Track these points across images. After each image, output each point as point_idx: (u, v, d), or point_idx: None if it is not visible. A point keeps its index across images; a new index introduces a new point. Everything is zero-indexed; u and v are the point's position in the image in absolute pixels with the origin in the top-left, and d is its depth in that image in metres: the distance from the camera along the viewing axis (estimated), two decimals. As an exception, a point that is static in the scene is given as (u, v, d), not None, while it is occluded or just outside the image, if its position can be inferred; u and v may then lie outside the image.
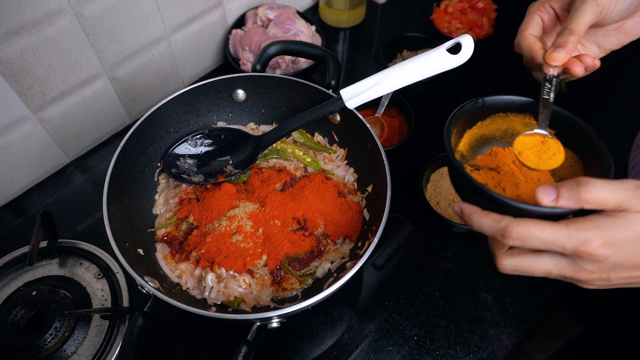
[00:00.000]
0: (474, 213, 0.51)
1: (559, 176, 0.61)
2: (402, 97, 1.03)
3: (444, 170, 0.99)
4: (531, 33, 0.64)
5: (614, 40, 0.66)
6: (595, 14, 0.58)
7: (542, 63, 0.62)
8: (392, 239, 0.91)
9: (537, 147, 0.61)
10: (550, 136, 0.62)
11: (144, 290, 0.62)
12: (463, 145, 0.63)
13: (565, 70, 0.62)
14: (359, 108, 0.76)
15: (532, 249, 0.48)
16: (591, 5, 0.58)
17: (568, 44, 0.58)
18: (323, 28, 1.27)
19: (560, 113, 0.61)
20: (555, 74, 0.61)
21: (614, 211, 0.45)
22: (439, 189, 0.97)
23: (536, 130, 0.62)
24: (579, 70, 0.61)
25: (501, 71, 1.22)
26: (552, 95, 0.62)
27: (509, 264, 0.50)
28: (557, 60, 0.59)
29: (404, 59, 1.20)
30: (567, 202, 0.45)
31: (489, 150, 0.65)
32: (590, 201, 0.44)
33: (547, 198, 0.45)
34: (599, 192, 0.44)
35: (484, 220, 0.49)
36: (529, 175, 0.60)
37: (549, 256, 0.48)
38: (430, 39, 1.17)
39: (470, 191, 0.53)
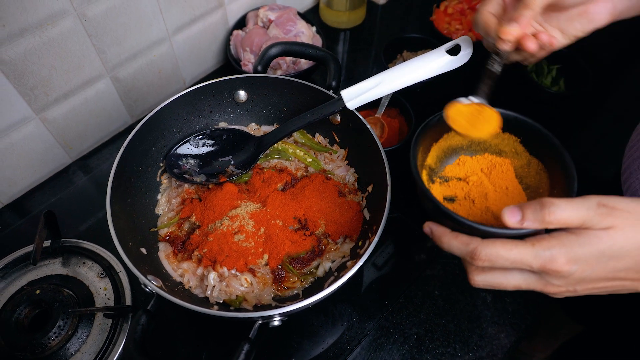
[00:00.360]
0: (443, 235, 0.52)
1: (526, 184, 0.62)
2: (402, 98, 1.04)
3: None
4: (488, 10, 0.62)
5: (578, 26, 0.63)
6: None
7: (495, 35, 0.60)
8: (392, 238, 0.92)
9: (471, 115, 0.62)
10: (487, 105, 0.62)
11: (147, 289, 0.63)
12: (431, 159, 0.64)
13: (519, 46, 0.60)
14: (359, 109, 0.77)
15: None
16: None
17: (521, 18, 0.57)
18: (323, 29, 1.28)
19: (525, 122, 0.61)
20: (508, 49, 0.60)
21: (577, 229, 0.46)
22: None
23: (471, 98, 0.63)
24: (531, 45, 0.59)
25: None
26: (497, 67, 0.62)
27: (481, 279, 0.51)
28: (509, 34, 0.58)
29: (404, 60, 1.20)
30: (531, 223, 0.46)
31: (457, 159, 0.65)
32: (554, 222, 0.46)
33: (512, 220, 0.47)
34: (562, 213, 0.45)
35: (453, 243, 0.51)
36: (497, 184, 0.61)
37: (518, 272, 0.49)
38: (430, 39, 1.18)
39: (439, 214, 0.54)
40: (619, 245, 0.46)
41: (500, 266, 0.48)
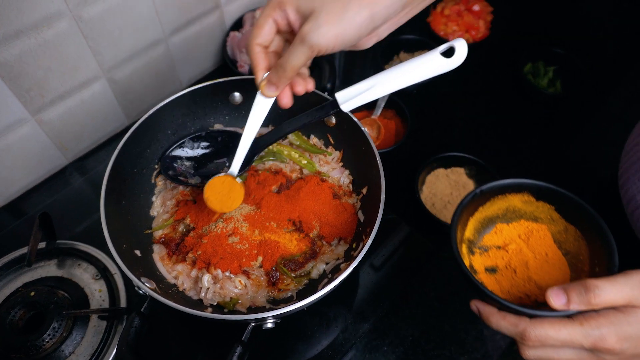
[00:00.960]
0: (491, 315, 0.54)
1: (565, 249, 0.63)
2: (398, 99, 1.04)
3: (440, 172, 1.00)
4: (259, 43, 0.61)
5: (372, 41, 0.69)
6: (308, 57, 0.57)
7: (257, 86, 0.64)
8: (388, 240, 0.92)
9: (222, 193, 0.72)
10: (235, 179, 0.72)
11: (141, 292, 0.63)
12: (469, 232, 0.65)
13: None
14: (356, 110, 0.77)
15: None
16: (303, 50, 0.56)
17: (279, 84, 0.61)
18: (320, 30, 1.28)
19: (558, 192, 0.61)
20: (266, 103, 0.67)
21: (624, 307, 0.47)
22: (435, 191, 0.98)
23: (229, 172, 0.72)
24: (286, 101, 0.65)
25: (497, 73, 1.22)
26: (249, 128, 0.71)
27: (532, 354, 0.52)
28: (269, 95, 0.64)
29: (400, 61, 1.20)
30: (577, 306, 0.47)
31: (494, 228, 0.66)
32: (600, 304, 0.47)
33: (558, 302, 0.48)
34: (607, 295, 0.46)
35: (502, 323, 0.52)
36: (536, 251, 0.62)
37: (571, 348, 0.50)
38: (427, 41, 1.18)
39: (485, 298, 0.55)
40: None
41: (551, 346, 0.49)
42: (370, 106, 1.05)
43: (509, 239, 0.64)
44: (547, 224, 0.64)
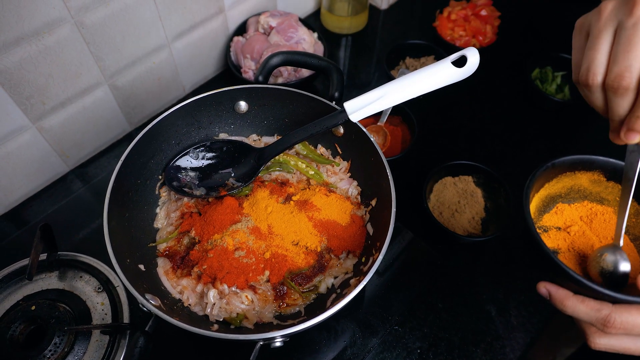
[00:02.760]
0: (566, 298, 0.49)
1: (634, 234, 0.59)
2: (404, 106, 1.02)
3: (447, 180, 0.98)
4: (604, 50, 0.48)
5: None
6: None
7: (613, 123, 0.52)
8: (395, 250, 0.90)
9: None
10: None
11: (145, 309, 0.61)
12: (531, 210, 0.61)
13: None
14: (362, 118, 0.75)
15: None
16: None
17: None
18: (325, 34, 1.26)
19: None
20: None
21: None
22: (442, 199, 0.96)
23: None
24: None
25: (504, 79, 1.21)
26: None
27: (604, 343, 0.48)
28: (632, 141, 0.50)
29: (406, 66, 1.19)
30: None
31: (554, 208, 0.63)
32: None
33: None
34: None
35: (580, 307, 0.48)
36: (601, 234, 0.58)
37: None
38: (433, 46, 1.17)
39: (562, 278, 0.50)
40: None
41: (637, 334, 0.46)
42: (376, 113, 1.03)
43: (570, 220, 0.60)
44: (614, 206, 0.60)
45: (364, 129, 0.77)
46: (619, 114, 0.49)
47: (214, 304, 0.69)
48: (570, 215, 0.61)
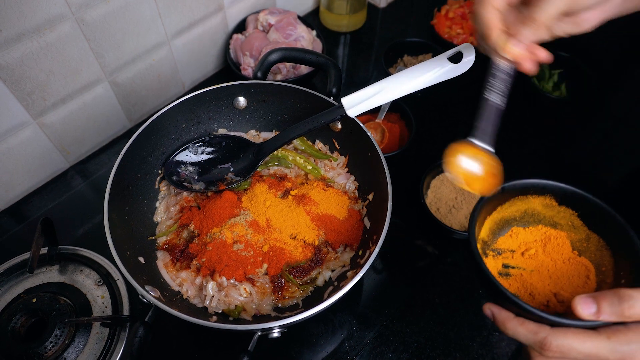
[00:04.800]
0: (507, 321, 0.49)
1: (588, 257, 0.60)
2: (402, 103, 1.03)
3: (445, 176, 0.99)
4: (494, 4, 0.53)
5: (566, 27, 0.55)
6: (568, 3, 0.50)
7: (494, 47, 0.54)
8: (393, 245, 0.91)
9: (472, 164, 0.59)
10: (492, 154, 0.59)
11: (145, 300, 0.62)
12: (484, 232, 0.62)
13: (515, 62, 0.55)
14: (360, 114, 0.76)
15: None
16: None
17: (528, 37, 0.51)
18: (323, 32, 1.27)
19: (584, 196, 0.59)
20: (507, 69, 0.55)
21: None
22: (440, 195, 0.97)
23: (475, 142, 0.60)
24: (530, 67, 0.54)
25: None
26: (494, 96, 0.57)
27: None
28: (512, 52, 0.53)
29: (404, 64, 1.20)
30: (608, 317, 0.44)
31: (509, 231, 0.64)
32: (634, 316, 0.43)
33: (587, 311, 0.44)
34: None
35: (520, 330, 0.48)
36: (555, 258, 0.59)
37: (593, 357, 0.47)
38: (431, 44, 1.17)
39: (503, 300, 0.52)
40: None
41: (572, 358, 0.46)
42: (373, 110, 1.04)
43: (525, 243, 0.62)
44: (567, 231, 0.61)
45: (362, 125, 0.78)
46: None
47: (213, 296, 0.70)
48: (525, 239, 0.63)
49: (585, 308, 0.45)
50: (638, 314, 0.43)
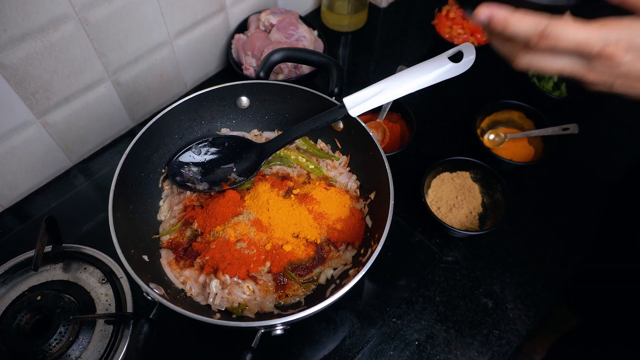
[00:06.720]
0: (508, 17, 0.48)
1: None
2: (403, 103, 1.04)
3: (445, 175, 1.00)
4: None
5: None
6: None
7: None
8: (393, 244, 0.92)
9: None
10: None
11: (149, 297, 0.63)
12: None
13: None
14: (361, 113, 0.77)
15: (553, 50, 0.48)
16: None
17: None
18: (325, 32, 1.28)
19: None
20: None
21: None
22: (440, 195, 0.98)
23: None
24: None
25: (502, 76, 1.22)
26: None
27: (526, 60, 0.50)
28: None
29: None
30: None
31: None
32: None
33: None
34: None
35: (522, 23, 0.47)
36: None
37: (568, 57, 0.48)
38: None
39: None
40: None
41: (563, 47, 0.47)
42: (375, 109, 1.05)
43: None
44: None
45: (363, 124, 0.79)
46: None
47: (216, 294, 0.71)
48: None
49: None
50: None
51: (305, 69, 1.09)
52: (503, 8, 0.48)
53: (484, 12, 0.49)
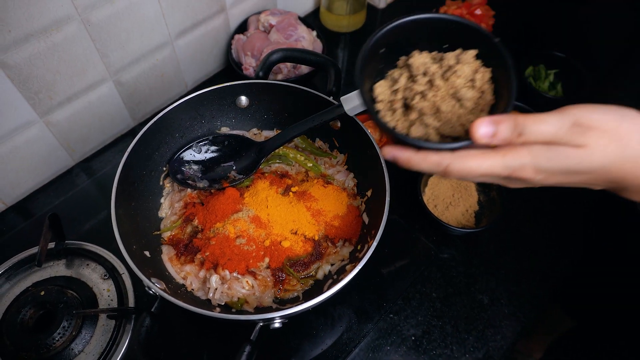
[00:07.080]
0: (411, 159, 0.52)
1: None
2: (401, 102, 1.05)
3: (442, 174, 1.01)
4: None
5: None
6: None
7: None
8: (390, 241, 0.93)
9: None
10: None
11: (151, 292, 0.64)
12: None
13: None
14: (359, 112, 0.78)
15: None
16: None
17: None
18: (324, 32, 1.29)
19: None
20: None
21: (549, 142, 0.46)
22: (437, 193, 0.99)
23: None
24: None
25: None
26: None
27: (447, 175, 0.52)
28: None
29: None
30: (503, 141, 0.47)
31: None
32: (528, 141, 0.46)
33: (484, 130, 0.46)
34: (537, 129, 0.46)
35: (424, 164, 0.51)
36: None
37: (488, 175, 0.50)
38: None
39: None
40: (586, 165, 0.47)
41: (472, 179, 0.51)
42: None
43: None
44: None
45: (361, 123, 0.80)
46: None
47: (216, 288, 0.73)
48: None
49: (484, 128, 0.46)
50: (530, 140, 0.46)
51: (304, 69, 1.10)
52: (405, 151, 0.52)
53: (388, 153, 0.53)
